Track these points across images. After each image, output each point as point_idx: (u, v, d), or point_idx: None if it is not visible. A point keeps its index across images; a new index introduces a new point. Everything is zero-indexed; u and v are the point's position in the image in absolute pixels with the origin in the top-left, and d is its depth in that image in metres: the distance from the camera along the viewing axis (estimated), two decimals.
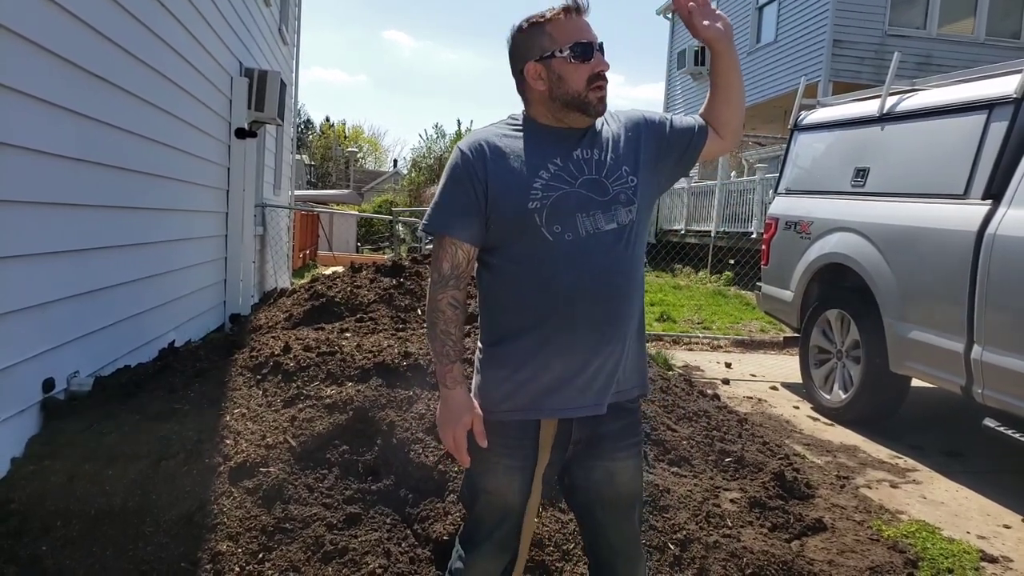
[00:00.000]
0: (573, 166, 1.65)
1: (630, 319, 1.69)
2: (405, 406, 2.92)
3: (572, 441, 1.71)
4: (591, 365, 1.64)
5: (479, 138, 1.68)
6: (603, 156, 1.68)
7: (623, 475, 1.74)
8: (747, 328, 8.41)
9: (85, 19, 3.24)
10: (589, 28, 1.66)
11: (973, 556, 2.98)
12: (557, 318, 1.62)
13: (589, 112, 1.66)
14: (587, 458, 1.73)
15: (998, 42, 12.80)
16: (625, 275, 1.66)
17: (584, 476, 1.75)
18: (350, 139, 42.41)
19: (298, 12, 11.25)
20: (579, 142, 1.68)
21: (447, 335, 1.70)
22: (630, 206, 1.66)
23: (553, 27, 1.65)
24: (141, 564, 2.25)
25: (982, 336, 3.75)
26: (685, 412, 3.80)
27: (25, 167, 2.85)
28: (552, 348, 1.63)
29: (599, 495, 1.75)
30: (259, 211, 8.15)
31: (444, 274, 1.66)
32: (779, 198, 5.90)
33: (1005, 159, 3.85)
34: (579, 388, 1.65)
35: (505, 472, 1.71)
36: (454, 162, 1.67)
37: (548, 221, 1.60)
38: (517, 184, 1.62)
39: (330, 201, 22.50)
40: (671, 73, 19.55)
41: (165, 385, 3.33)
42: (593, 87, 1.63)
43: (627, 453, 1.75)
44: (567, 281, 1.61)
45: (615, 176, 1.66)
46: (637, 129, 1.75)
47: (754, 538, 2.75)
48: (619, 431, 1.73)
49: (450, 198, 1.65)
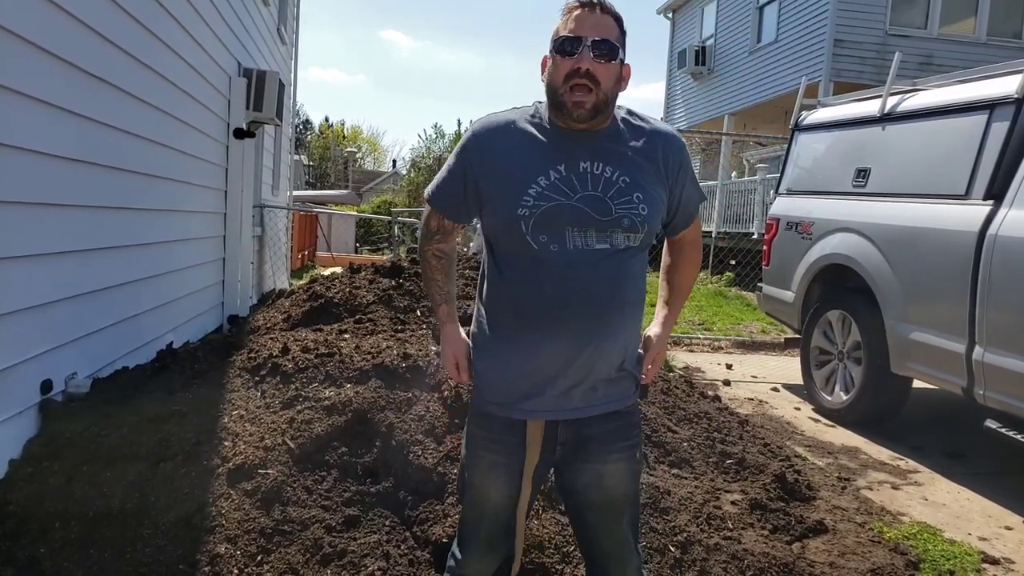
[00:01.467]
0: (576, 178, 1.59)
1: (616, 335, 1.64)
2: (404, 408, 2.91)
3: (559, 442, 1.70)
4: (569, 378, 1.63)
5: (492, 125, 1.68)
6: (615, 176, 1.61)
7: (612, 478, 1.72)
8: (748, 329, 8.40)
9: (84, 20, 3.23)
10: (593, 25, 1.57)
11: (975, 558, 2.97)
12: (540, 324, 1.61)
13: (564, 113, 1.58)
14: (575, 460, 1.72)
15: (999, 42, 12.79)
16: (613, 292, 1.61)
17: (573, 479, 1.74)
18: (349, 139, 42.41)
19: (296, 12, 11.24)
20: (590, 152, 1.61)
21: (433, 281, 1.85)
22: (632, 232, 1.61)
23: (563, 19, 1.61)
24: (139, 566, 2.24)
25: (983, 337, 3.74)
26: (686, 414, 3.79)
27: (25, 168, 2.84)
28: (533, 353, 1.63)
29: (588, 498, 1.73)
30: (257, 212, 8.14)
31: (431, 230, 1.81)
32: (780, 198, 5.89)
33: (1006, 159, 3.84)
34: (555, 397, 1.65)
35: (490, 467, 1.72)
36: (461, 145, 1.71)
37: (534, 230, 1.57)
38: (512, 187, 1.60)
39: (329, 201, 22.52)
40: (671, 73, 19.53)
41: (163, 387, 3.32)
42: (570, 85, 1.55)
43: (618, 456, 1.72)
44: (550, 291, 1.60)
45: (623, 200, 1.60)
46: (670, 162, 1.69)
47: (755, 540, 2.74)
48: (608, 434, 1.71)
49: (445, 178, 1.74)
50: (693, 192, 1.79)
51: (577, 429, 1.69)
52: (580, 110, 1.56)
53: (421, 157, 33.40)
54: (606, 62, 1.57)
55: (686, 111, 18.49)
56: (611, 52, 1.57)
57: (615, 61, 1.59)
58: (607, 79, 1.58)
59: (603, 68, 1.57)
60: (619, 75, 1.62)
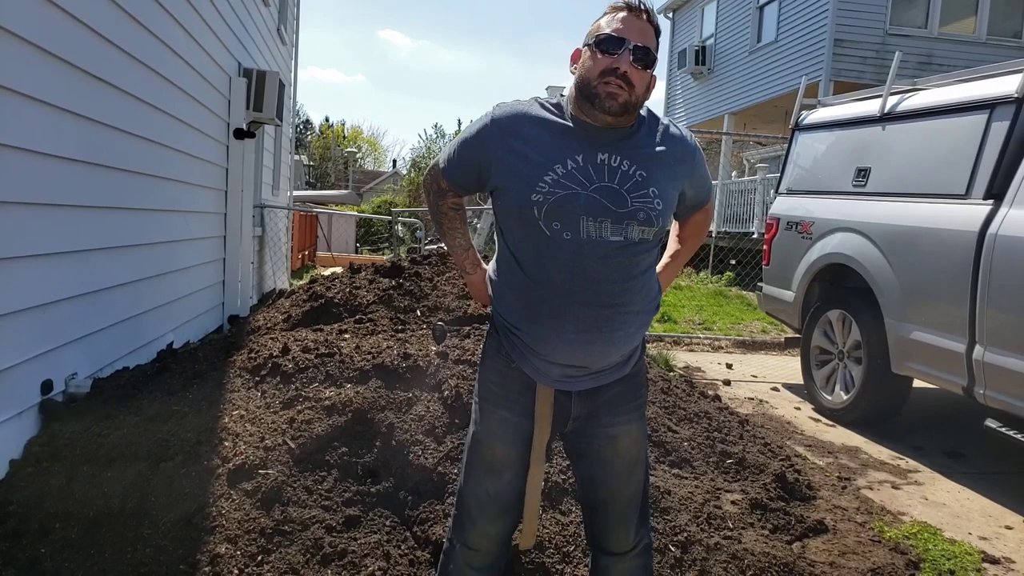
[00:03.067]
0: (593, 169, 1.61)
1: (623, 328, 1.66)
2: (404, 408, 2.91)
3: (572, 417, 1.73)
4: (573, 363, 1.67)
5: (514, 110, 1.70)
6: (631, 170, 1.62)
7: (624, 439, 1.77)
8: (748, 329, 8.40)
9: (84, 20, 3.23)
10: (637, 30, 1.60)
11: (975, 557, 2.97)
12: (546, 310, 1.64)
13: (596, 104, 1.59)
14: (588, 427, 1.76)
15: (1000, 42, 12.79)
16: (622, 285, 1.63)
17: (587, 444, 1.78)
18: (349, 139, 42.40)
19: (297, 12, 11.24)
20: (609, 146, 1.63)
21: (453, 230, 1.89)
22: (647, 227, 1.62)
23: (605, 18, 1.64)
24: (140, 566, 2.24)
25: (984, 337, 3.74)
26: (686, 413, 3.79)
27: (25, 168, 2.84)
28: (539, 337, 1.66)
29: (602, 459, 1.77)
30: (258, 212, 8.14)
31: (443, 188, 1.84)
32: (780, 198, 5.89)
33: (1006, 159, 3.84)
34: (556, 379, 1.69)
35: (500, 423, 1.75)
36: (480, 126, 1.72)
37: (547, 217, 1.59)
38: (528, 172, 1.61)
39: (329, 202, 22.50)
40: (672, 73, 19.53)
41: (164, 387, 3.32)
42: (604, 80, 1.58)
43: (627, 418, 1.77)
44: (558, 279, 1.61)
45: (639, 193, 1.61)
46: (685, 164, 1.73)
47: (755, 540, 2.74)
48: (616, 397, 1.75)
49: (459, 154, 1.76)
50: (703, 190, 1.87)
51: (592, 399, 1.73)
52: (612, 102, 1.58)
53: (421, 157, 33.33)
54: (642, 69, 1.60)
55: (686, 111, 18.48)
56: (649, 60, 1.61)
57: (650, 70, 1.63)
58: (640, 85, 1.61)
59: (638, 74, 1.60)
60: (648, 84, 1.65)
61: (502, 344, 1.74)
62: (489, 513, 1.77)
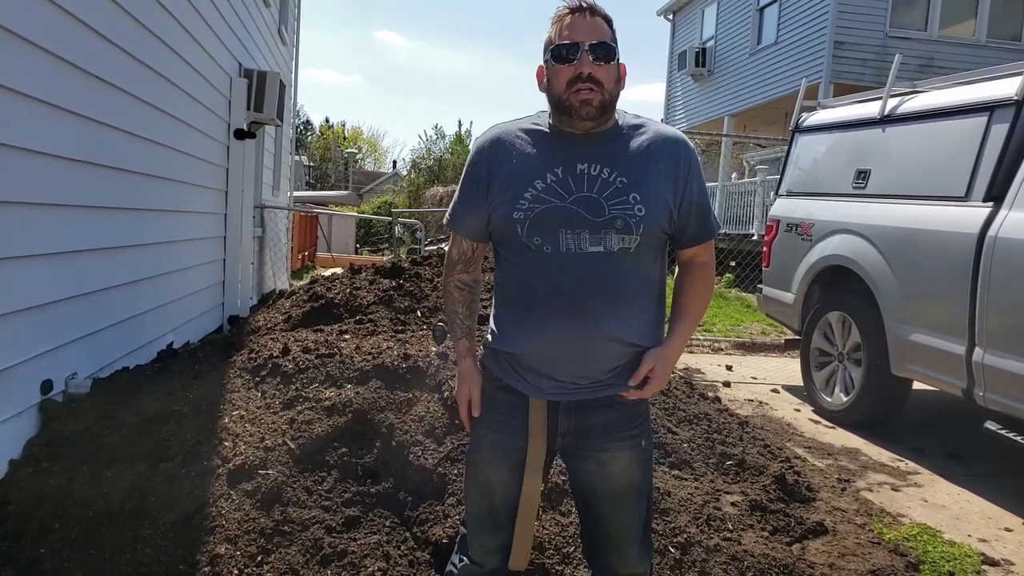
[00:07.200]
0: (572, 180, 1.61)
1: (608, 339, 1.63)
2: (404, 408, 2.91)
3: (560, 432, 1.72)
4: (557, 376, 1.66)
5: (494, 136, 1.71)
6: (612, 176, 1.61)
7: (615, 466, 1.73)
8: (748, 330, 8.40)
9: (84, 20, 3.23)
10: (587, 30, 1.59)
11: (974, 559, 2.97)
12: (531, 324, 1.65)
13: (573, 115, 1.59)
14: (579, 449, 1.74)
15: (999, 44, 12.79)
16: (607, 297, 1.61)
17: (577, 466, 1.77)
18: (349, 140, 42.40)
19: (298, 13, 11.25)
20: (589, 154, 1.62)
21: (455, 313, 1.84)
22: (626, 234, 1.59)
23: (553, 29, 1.64)
24: (139, 567, 2.24)
25: (983, 338, 3.74)
26: (686, 415, 3.78)
27: (25, 168, 2.84)
28: (526, 349, 1.67)
29: (590, 485, 1.76)
30: (258, 212, 8.13)
31: (453, 259, 1.81)
32: (780, 200, 5.89)
33: (1006, 161, 3.84)
34: (548, 391, 1.69)
35: (490, 447, 1.76)
36: (469, 159, 1.74)
37: (529, 233, 1.61)
38: (512, 190, 1.63)
39: (329, 202, 22.48)
40: (672, 74, 19.54)
41: (163, 387, 3.32)
42: (573, 90, 1.57)
43: (619, 445, 1.72)
44: (541, 293, 1.63)
45: (618, 200, 1.59)
46: (669, 160, 1.65)
47: (755, 541, 2.74)
48: (610, 422, 1.72)
49: (461, 195, 1.75)
50: (703, 203, 1.73)
51: (581, 418, 1.71)
52: (588, 107, 1.58)
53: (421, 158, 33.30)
54: (605, 64, 1.60)
55: (686, 112, 18.49)
56: (609, 54, 1.60)
57: (613, 62, 1.62)
58: (608, 80, 1.60)
59: (603, 70, 1.59)
60: (618, 75, 1.64)
61: (490, 368, 1.77)
62: (487, 530, 1.80)
